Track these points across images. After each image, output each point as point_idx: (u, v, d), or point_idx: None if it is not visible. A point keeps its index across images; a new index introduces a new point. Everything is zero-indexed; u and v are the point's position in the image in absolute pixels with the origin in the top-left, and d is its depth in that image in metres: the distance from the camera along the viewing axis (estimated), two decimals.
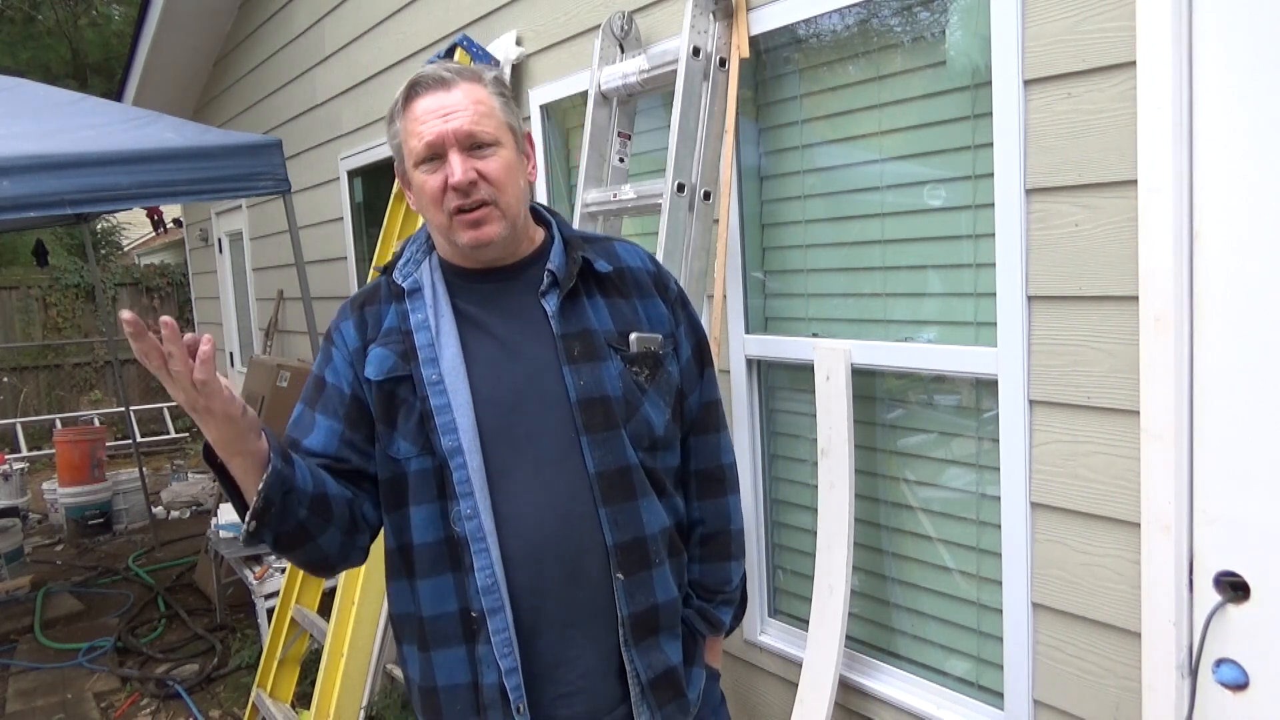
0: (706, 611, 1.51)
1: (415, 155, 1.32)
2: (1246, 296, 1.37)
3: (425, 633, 1.36)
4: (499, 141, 1.32)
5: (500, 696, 1.32)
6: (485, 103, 1.32)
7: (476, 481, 1.31)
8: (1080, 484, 1.63)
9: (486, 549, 1.30)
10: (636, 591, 1.37)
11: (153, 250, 14.68)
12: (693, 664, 1.48)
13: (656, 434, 1.41)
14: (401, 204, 3.25)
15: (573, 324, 1.37)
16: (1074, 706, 1.68)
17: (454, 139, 1.29)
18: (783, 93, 2.22)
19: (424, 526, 1.34)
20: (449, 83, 1.32)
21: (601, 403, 1.35)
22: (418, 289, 1.39)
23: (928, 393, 2.01)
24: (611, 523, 1.35)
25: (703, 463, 1.53)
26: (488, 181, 1.30)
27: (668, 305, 1.47)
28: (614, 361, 1.38)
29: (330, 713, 2.64)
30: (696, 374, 1.51)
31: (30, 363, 9.96)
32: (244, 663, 3.98)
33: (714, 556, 1.54)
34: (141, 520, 6.45)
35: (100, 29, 14.38)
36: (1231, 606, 1.42)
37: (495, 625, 1.31)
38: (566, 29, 2.75)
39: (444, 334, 1.35)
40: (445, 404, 1.32)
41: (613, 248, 1.48)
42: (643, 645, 1.38)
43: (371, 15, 3.99)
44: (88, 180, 3.35)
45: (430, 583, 1.35)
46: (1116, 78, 1.49)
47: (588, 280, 1.41)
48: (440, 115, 1.30)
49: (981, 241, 1.81)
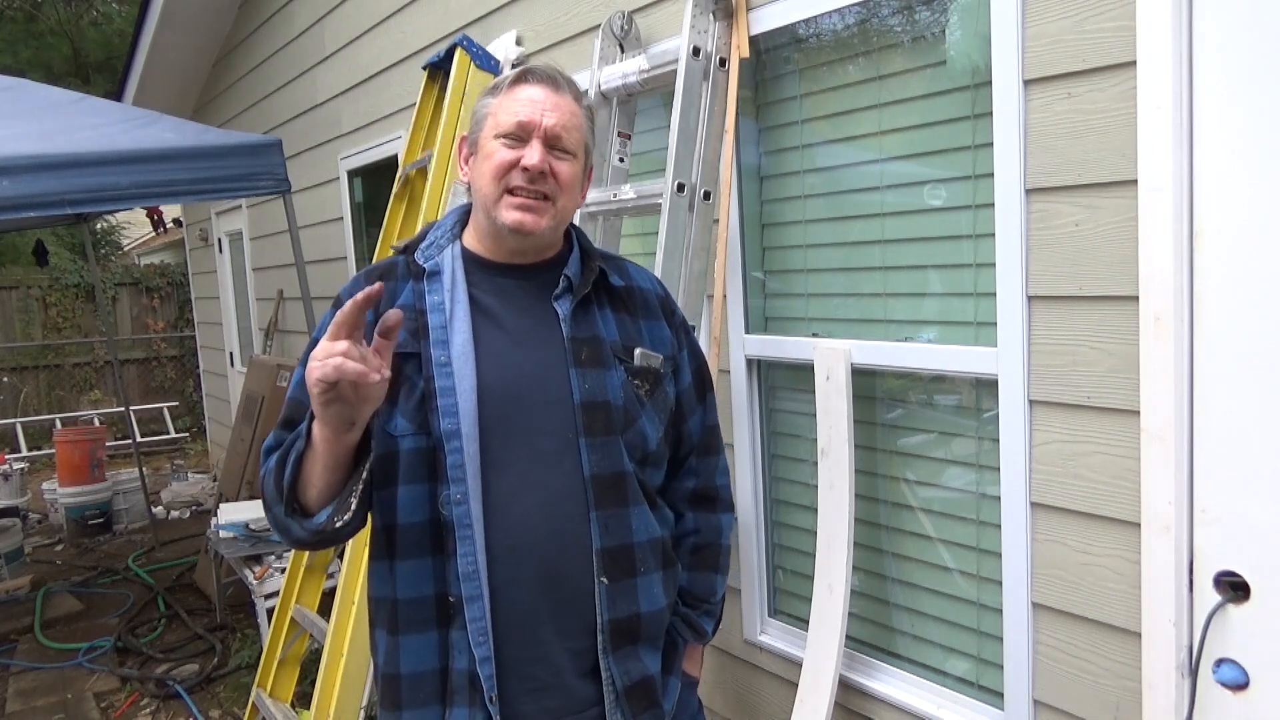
0: (691, 619, 1.55)
1: (501, 127, 1.36)
2: (1246, 296, 1.37)
3: (398, 616, 1.37)
4: (575, 154, 1.40)
5: (469, 684, 1.33)
6: (578, 117, 1.40)
7: (470, 468, 1.32)
8: (1080, 484, 1.63)
9: (471, 536, 1.31)
10: (619, 598, 1.38)
11: (153, 250, 14.68)
12: (671, 673, 1.51)
13: (649, 448, 1.44)
14: (401, 203, 3.25)
15: (583, 329, 1.40)
16: (1074, 706, 1.68)
17: (544, 131, 1.35)
18: (783, 93, 2.22)
19: (410, 507, 1.34)
20: (559, 85, 1.39)
21: (603, 408, 1.38)
22: (438, 272, 1.41)
23: (928, 393, 2.01)
24: (602, 526, 1.36)
25: (702, 483, 1.59)
26: (555, 179, 1.36)
27: (672, 330, 1.53)
28: (618, 371, 1.41)
29: (330, 713, 2.64)
30: (698, 398, 1.57)
31: (30, 363, 9.96)
32: (244, 663, 3.99)
33: (703, 566, 1.59)
34: (141, 520, 6.45)
35: (102, 28, 14.38)
36: (1231, 606, 1.42)
37: (472, 613, 1.32)
38: (566, 29, 2.75)
39: (457, 319, 1.37)
40: (450, 386, 1.33)
41: (626, 267, 1.55)
42: (621, 653, 1.39)
43: (371, 15, 4.00)
44: (88, 180, 3.36)
45: (409, 565, 1.35)
46: (1116, 78, 1.49)
47: (600, 291, 1.46)
48: (541, 106, 1.36)
49: (981, 241, 1.81)
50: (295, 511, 1.28)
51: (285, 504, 1.27)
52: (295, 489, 1.27)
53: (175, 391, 10.53)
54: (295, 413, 1.34)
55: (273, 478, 1.30)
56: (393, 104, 3.92)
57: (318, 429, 1.20)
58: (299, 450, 1.25)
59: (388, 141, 3.98)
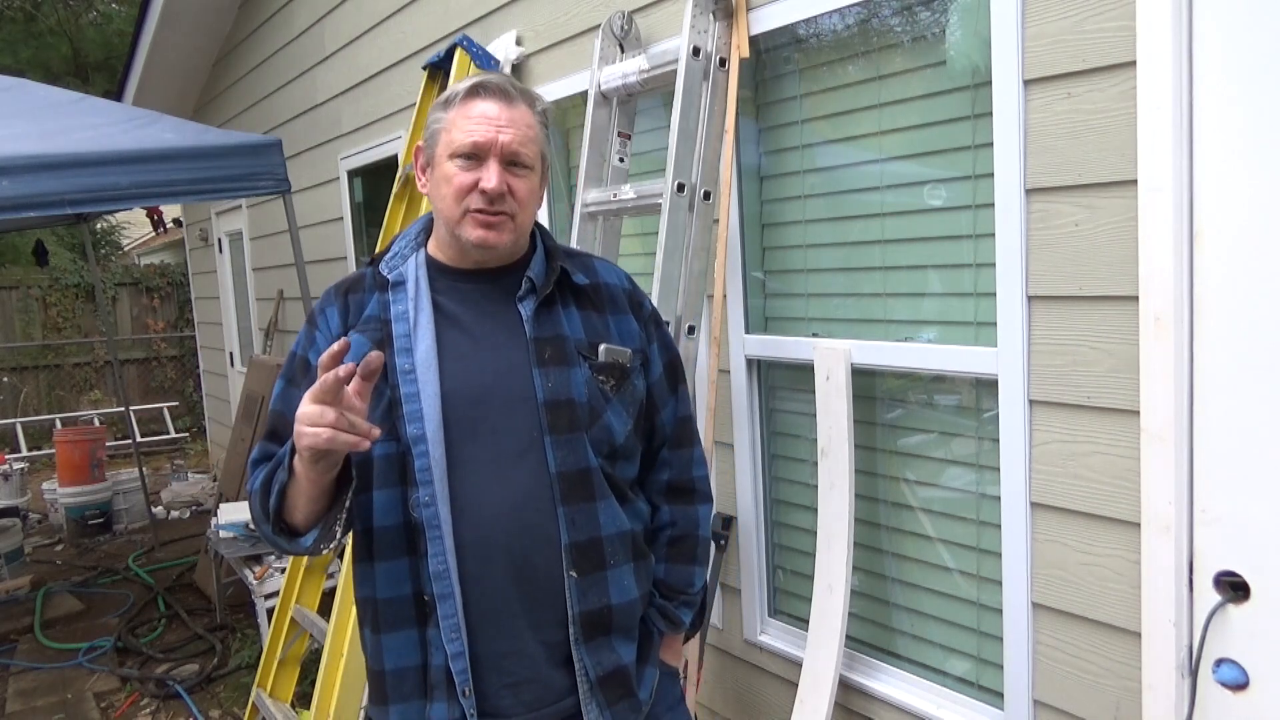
0: (667, 610, 1.56)
1: (455, 147, 1.36)
2: (1246, 296, 1.37)
3: (379, 615, 1.41)
4: (533, 167, 1.40)
5: (446, 679, 1.37)
6: (534, 128, 1.40)
7: (436, 471, 1.35)
8: (1080, 484, 1.63)
9: (440, 536, 1.35)
10: (589, 590, 1.41)
11: (153, 250, 14.67)
12: (646, 663, 1.52)
13: (617, 442, 1.46)
14: (401, 203, 3.25)
15: (546, 329, 1.43)
16: (1074, 706, 1.68)
17: (500, 150, 1.36)
18: (783, 93, 2.22)
19: (384, 510, 1.38)
20: (512, 97, 1.39)
21: (567, 405, 1.40)
22: (401, 282, 1.44)
23: (928, 393, 2.01)
24: (569, 522, 1.38)
25: (677, 475, 1.60)
26: (514, 197, 1.37)
27: (640, 323, 1.54)
28: (582, 368, 1.43)
29: (330, 713, 2.64)
30: (669, 390, 1.58)
31: (30, 363, 9.96)
32: (244, 663, 3.99)
33: (680, 558, 1.60)
34: (141, 520, 6.45)
35: (101, 28, 14.37)
36: (1231, 606, 1.42)
37: (444, 611, 1.35)
38: (566, 29, 2.75)
39: (421, 327, 1.40)
40: (414, 393, 1.36)
41: (591, 263, 1.56)
42: (593, 644, 1.42)
43: (371, 15, 4.00)
44: (88, 180, 3.36)
45: (387, 566, 1.39)
46: (1116, 78, 1.49)
47: (564, 290, 1.48)
48: (495, 124, 1.36)
49: (981, 241, 1.81)
50: (283, 531, 1.33)
51: (272, 525, 1.33)
52: (281, 513, 1.32)
53: (175, 391, 10.53)
54: (279, 424, 1.39)
55: (258, 500, 1.34)
56: (393, 104, 3.92)
57: (299, 467, 1.23)
58: (282, 481, 1.28)
59: (388, 141, 3.98)
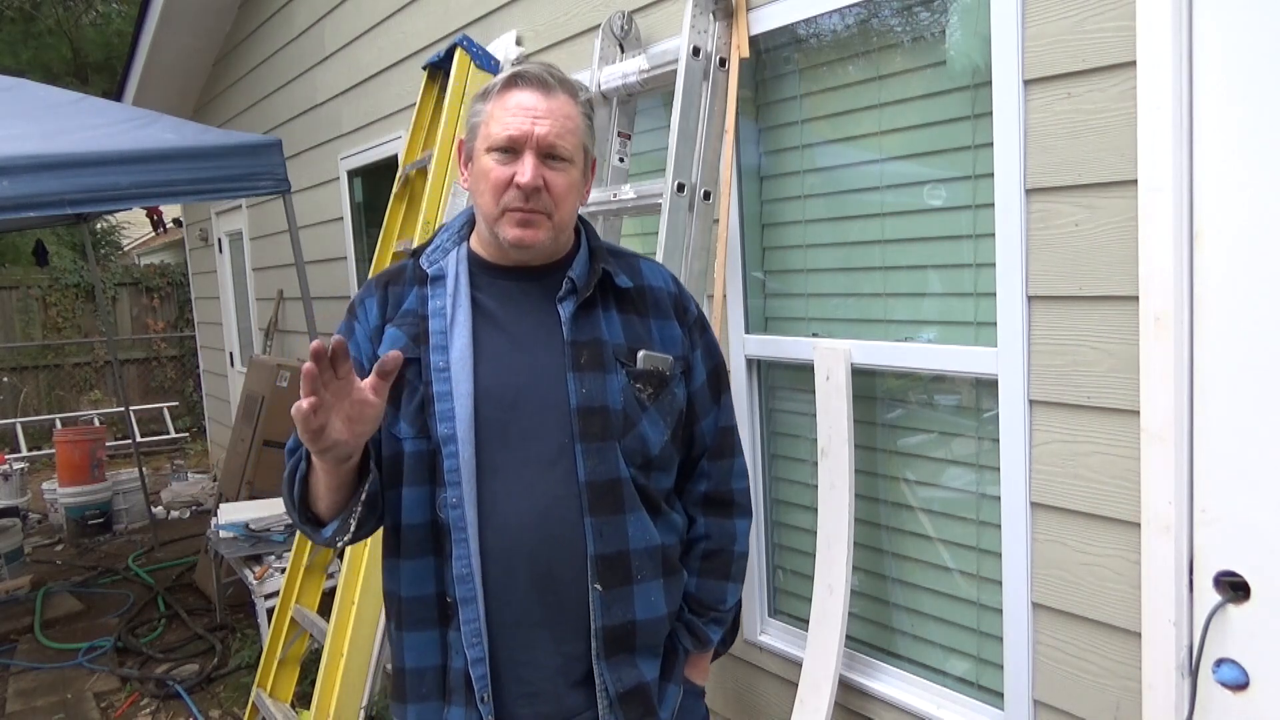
0: (695, 626, 1.50)
1: (492, 140, 1.32)
2: (1246, 296, 1.37)
3: (402, 613, 1.40)
4: (572, 160, 1.35)
5: (465, 683, 1.35)
6: (574, 119, 1.35)
7: (465, 472, 1.33)
8: (1080, 484, 1.62)
9: (466, 539, 1.33)
10: (614, 605, 1.36)
11: (153, 250, 14.68)
12: (670, 680, 1.47)
13: (651, 453, 1.40)
14: (401, 204, 3.25)
15: (584, 332, 1.38)
16: (1074, 706, 1.68)
17: (536, 143, 1.31)
18: (783, 93, 2.22)
19: (412, 508, 1.36)
20: (551, 87, 1.34)
21: (600, 413, 1.36)
22: (441, 276, 1.41)
23: (928, 393, 2.01)
24: (596, 533, 1.34)
25: (715, 486, 1.53)
26: (550, 193, 1.32)
27: (684, 328, 1.48)
28: (619, 375, 1.38)
29: (330, 713, 2.64)
30: (712, 399, 1.52)
31: (30, 363, 9.96)
32: (244, 663, 3.99)
33: (712, 573, 1.53)
34: (141, 520, 6.45)
35: (101, 28, 14.37)
36: (1231, 606, 1.42)
37: (466, 615, 1.33)
38: (566, 29, 2.75)
39: (458, 324, 1.37)
40: (447, 391, 1.34)
41: (637, 264, 1.50)
42: (615, 659, 1.38)
43: (371, 15, 4.00)
44: (88, 180, 3.35)
45: (412, 564, 1.38)
46: (1116, 78, 1.49)
47: (606, 292, 1.42)
48: (532, 115, 1.31)
49: (981, 241, 1.81)
50: (309, 520, 1.34)
51: (300, 514, 1.34)
52: (306, 502, 1.32)
53: (175, 391, 10.53)
54: None
55: (286, 488, 1.35)
56: (393, 104, 3.92)
57: (316, 459, 1.23)
58: (302, 472, 1.30)
59: (388, 141, 3.98)
